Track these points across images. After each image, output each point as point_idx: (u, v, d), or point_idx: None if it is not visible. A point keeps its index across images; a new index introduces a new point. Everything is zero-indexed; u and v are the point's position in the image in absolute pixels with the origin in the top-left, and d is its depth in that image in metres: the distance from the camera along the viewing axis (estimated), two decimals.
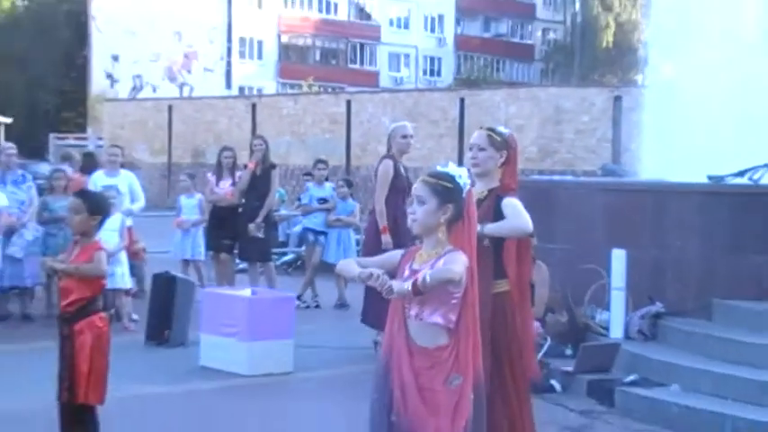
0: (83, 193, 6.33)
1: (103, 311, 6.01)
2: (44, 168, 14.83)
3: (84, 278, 5.77)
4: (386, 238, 8.67)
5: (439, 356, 4.21)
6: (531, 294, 6.58)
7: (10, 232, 10.25)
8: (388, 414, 4.31)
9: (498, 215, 5.34)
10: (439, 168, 4.28)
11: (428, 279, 4.00)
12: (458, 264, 4.06)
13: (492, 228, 5.25)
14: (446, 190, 4.19)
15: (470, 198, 4.40)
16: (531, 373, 5.70)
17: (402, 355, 4.26)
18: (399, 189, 8.69)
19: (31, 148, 26.05)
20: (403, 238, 7.26)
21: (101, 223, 5.96)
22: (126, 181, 11.08)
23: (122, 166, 11.63)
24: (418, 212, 4.17)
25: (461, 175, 4.24)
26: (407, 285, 4.02)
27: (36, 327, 9.99)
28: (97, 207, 5.87)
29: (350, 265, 4.38)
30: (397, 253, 4.49)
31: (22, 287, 10.63)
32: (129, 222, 10.67)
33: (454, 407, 4.20)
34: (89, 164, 12.21)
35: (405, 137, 9.17)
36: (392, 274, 4.21)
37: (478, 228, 4.83)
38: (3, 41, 45.56)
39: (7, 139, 19.00)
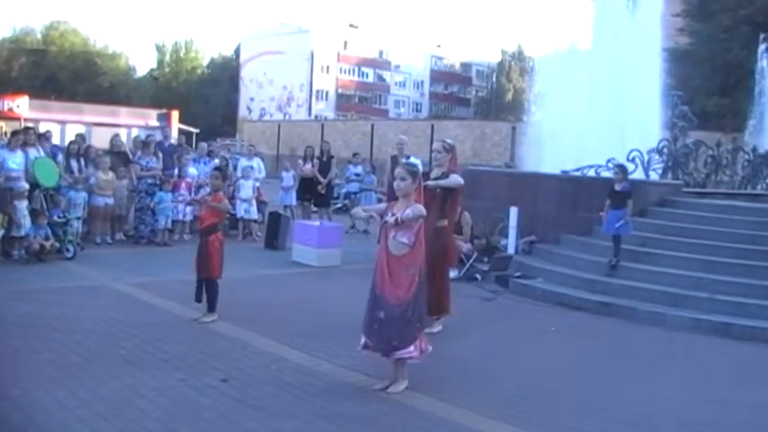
0: (218, 168, 10.15)
1: (221, 231, 8.35)
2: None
3: (215, 211, 8.21)
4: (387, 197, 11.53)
5: (401, 259, 5.89)
6: (460, 230, 10.44)
7: (198, 187, 14.49)
8: (373, 289, 6.00)
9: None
10: (410, 160, 7.34)
11: (410, 214, 5.80)
12: (421, 209, 5.91)
13: (444, 182, 7.78)
14: (414, 172, 6.02)
15: (421, 176, 6.20)
16: (451, 266, 8.62)
17: (383, 258, 5.95)
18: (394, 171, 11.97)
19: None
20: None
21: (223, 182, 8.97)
22: (257, 162, 15.94)
23: (256, 154, 16.50)
24: (402, 185, 5.91)
25: (418, 163, 7.12)
26: (392, 219, 5.86)
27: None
28: (225, 176, 9.62)
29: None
30: (385, 204, 6.46)
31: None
32: (258, 184, 15.49)
33: (408, 284, 5.90)
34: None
35: (399, 143, 13.82)
36: (382, 215, 6.10)
37: (433, 183, 7.34)
38: (198, 91, 78.41)
39: (197, 141, 25.58)
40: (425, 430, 5.40)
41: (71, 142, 14.32)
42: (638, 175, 13.96)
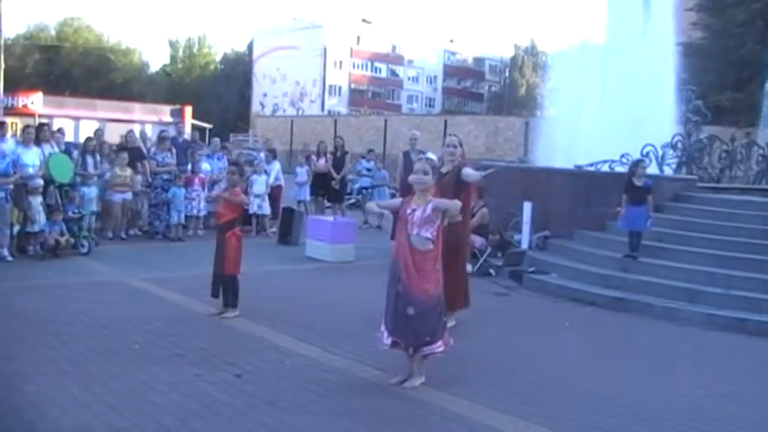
0: (235, 163, 10.14)
1: (239, 226, 8.38)
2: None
3: (232, 206, 8.22)
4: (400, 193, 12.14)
5: (427, 254, 5.93)
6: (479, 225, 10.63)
7: (212, 183, 14.54)
8: (395, 285, 5.99)
9: (460, 179, 7.69)
10: (427, 155, 6.25)
11: (450, 206, 6.12)
12: (449, 203, 6.13)
13: (474, 175, 7.75)
14: (435, 167, 6.14)
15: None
16: (466, 261, 8.65)
17: (406, 255, 5.92)
18: (407, 166, 11.46)
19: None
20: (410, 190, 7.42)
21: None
22: (274, 167, 15.99)
23: (274, 158, 16.48)
24: (426, 179, 5.94)
25: (435, 159, 6.26)
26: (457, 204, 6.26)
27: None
28: (242, 171, 9.46)
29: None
30: (400, 200, 6.43)
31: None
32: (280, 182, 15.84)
33: (437, 278, 5.99)
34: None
35: (412, 138, 14.00)
36: (398, 210, 6.18)
37: (486, 173, 7.70)
38: (211, 87, 79.22)
39: (210, 137, 25.75)
40: (439, 426, 5.40)
41: (88, 138, 14.34)
42: (652, 170, 13.71)
